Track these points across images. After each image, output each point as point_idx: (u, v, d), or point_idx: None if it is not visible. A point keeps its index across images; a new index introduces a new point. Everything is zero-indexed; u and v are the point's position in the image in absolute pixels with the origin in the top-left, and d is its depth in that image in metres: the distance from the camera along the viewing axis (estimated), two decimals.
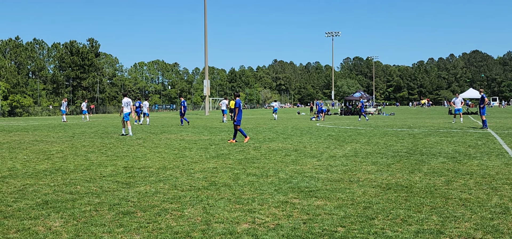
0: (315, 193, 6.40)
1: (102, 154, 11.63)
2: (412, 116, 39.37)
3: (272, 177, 7.77)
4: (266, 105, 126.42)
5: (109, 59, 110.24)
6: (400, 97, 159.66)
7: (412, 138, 15.23)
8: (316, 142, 14.42)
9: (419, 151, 11.36)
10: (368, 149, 12.13)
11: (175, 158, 10.56)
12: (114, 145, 13.97)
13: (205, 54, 53.53)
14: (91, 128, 24.07)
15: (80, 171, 8.71)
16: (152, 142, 14.97)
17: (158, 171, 8.65)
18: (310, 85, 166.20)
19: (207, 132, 19.65)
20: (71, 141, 15.63)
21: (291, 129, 21.78)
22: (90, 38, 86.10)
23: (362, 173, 8.10)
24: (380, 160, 9.77)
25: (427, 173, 8.05)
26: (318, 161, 9.76)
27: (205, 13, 52.05)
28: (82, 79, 78.95)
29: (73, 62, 78.45)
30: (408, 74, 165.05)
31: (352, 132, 18.60)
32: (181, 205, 5.80)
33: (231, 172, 8.36)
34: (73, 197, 6.32)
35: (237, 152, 11.78)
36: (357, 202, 5.84)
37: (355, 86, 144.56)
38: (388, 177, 7.64)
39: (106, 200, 6.14)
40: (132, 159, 10.53)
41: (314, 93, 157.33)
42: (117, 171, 8.62)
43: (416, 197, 6.09)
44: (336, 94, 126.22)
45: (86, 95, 78.13)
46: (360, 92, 52.44)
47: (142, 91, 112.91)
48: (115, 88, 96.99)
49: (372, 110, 49.38)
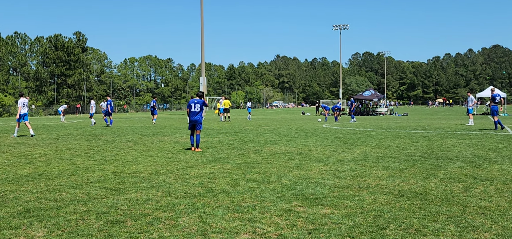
0: (321, 201, 6.40)
1: (89, 157, 11.64)
2: (427, 117, 39.37)
3: (274, 183, 7.77)
4: (267, 105, 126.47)
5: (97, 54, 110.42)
6: (414, 96, 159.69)
7: (427, 141, 15.22)
8: (323, 144, 14.42)
9: (434, 155, 11.35)
10: (379, 152, 12.13)
11: (169, 162, 10.56)
12: (102, 148, 13.99)
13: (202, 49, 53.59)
14: (77, 129, 24.11)
15: (65, 176, 8.72)
16: (143, 145, 14.97)
17: (150, 176, 8.66)
18: (316, 83, 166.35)
19: (204, 134, 19.65)
20: (56, 144, 15.65)
21: (295, 130, 21.79)
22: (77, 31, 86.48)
23: (373, 179, 8.09)
24: (392, 165, 9.76)
25: (444, 178, 8.05)
26: (325, 166, 9.76)
27: (201, 4, 52.15)
28: (68, 76, 79.05)
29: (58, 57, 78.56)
30: (423, 71, 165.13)
31: (361, 134, 18.60)
32: (175, 214, 5.80)
33: (230, 178, 8.36)
34: (57, 205, 6.32)
35: (236, 155, 11.79)
36: (367, 211, 5.84)
37: (365, 84, 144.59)
38: (401, 183, 7.64)
39: (94, 208, 6.14)
40: (121, 163, 10.54)
41: (320, 92, 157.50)
42: (105, 176, 8.62)
43: (432, 205, 6.09)
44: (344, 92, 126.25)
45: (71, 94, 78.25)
46: (370, 90, 52.41)
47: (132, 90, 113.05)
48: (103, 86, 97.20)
49: (384, 110, 49.38)
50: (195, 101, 13.01)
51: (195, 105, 12.96)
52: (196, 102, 12.98)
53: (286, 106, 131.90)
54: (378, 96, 51.34)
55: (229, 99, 41.17)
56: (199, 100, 13.03)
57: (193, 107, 12.95)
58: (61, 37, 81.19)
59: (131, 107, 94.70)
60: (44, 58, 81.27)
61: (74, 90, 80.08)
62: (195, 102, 13.00)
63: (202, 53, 53.85)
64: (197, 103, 12.99)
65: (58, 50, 79.29)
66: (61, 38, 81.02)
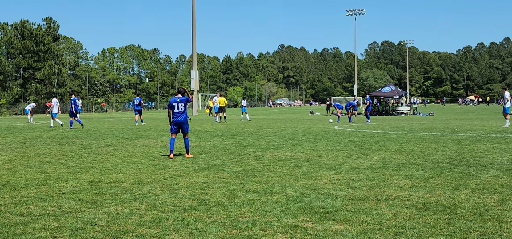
0: (333, 215, 6.41)
1: (62, 164, 11.64)
2: (456, 117, 39.39)
3: (277, 195, 7.77)
4: (270, 103, 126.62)
5: (71, 44, 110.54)
6: (441, 92, 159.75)
7: (457, 145, 15.22)
8: (334, 149, 14.42)
9: (465, 162, 11.35)
10: (400, 158, 12.13)
11: (155, 170, 10.56)
12: (77, 154, 13.99)
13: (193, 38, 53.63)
14: (47, 132, 24.13)
15: (33, 186, 8.72)
16: (125, 150, 14.98)
17: (132, 186, 8.66)
18: (327, 78, 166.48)
19: (195, 137, 19.66)
20: (22, 148, 15.65)
21: (302, 133, 21.80)
22: (47, 17, 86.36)
23: (393, 190, 8.10)
24: (416, 173, 9.76)
25: (476, 189, 8.05)
26: (337, 174, 9.76)
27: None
28: (36, 69, 79.08)
29: (24, 47, 78.61)
30: (452, 64, 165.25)
31: (379, 137, 18.61)
32: (162, 230, 5.81)
33: (226, 188, 8.36)
34: (24, 220, 6.32)
35: (233, 162, 11.79)
36: (387, 227, 5.84)
37: (383, 79, 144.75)
38: (426, 195, 7.64)
39: (67, 223, 6.14)
40: (99, 171, 10.54)
41: (332, 88, 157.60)
42: (80, 187, 8.63)
43: (462, 220, 6.09)
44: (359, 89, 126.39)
45: (41, 90, 78.31)
46: (390, 86, 52.46)
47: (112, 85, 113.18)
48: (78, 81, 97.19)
49: (406, 109, 49.41)
50: (177, 99, 12.75)
51: (179, 105, 12.70)
52: (179, 100, 12.71)
53: (292, 105, 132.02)
54: (399, 92, 51.37)
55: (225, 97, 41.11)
56: (182, 98, 12.79)
57: (176, 107, 12.69)
58: (28, 24, 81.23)
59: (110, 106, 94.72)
60: (8, 49, 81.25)
61: (44, 86, 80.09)
62: (177, 101, 12.74)
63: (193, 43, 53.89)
64: (180, 101, 12.74)
65: (25, 39, 79.35)
66: (28, 25, 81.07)
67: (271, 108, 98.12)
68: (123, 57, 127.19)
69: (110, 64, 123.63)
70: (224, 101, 33.83)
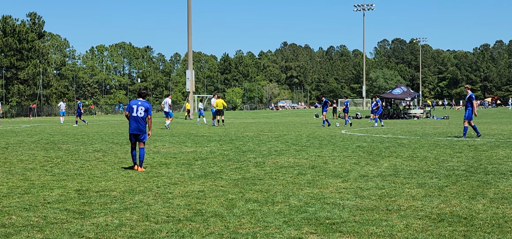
0: (340, 226, 6.41)
1: (47, 171, 11.64)
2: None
3: (280, 204, 7.77)
4: (272, 106, 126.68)
5: (57, 41, 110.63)
6: (457, 94, 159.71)
7: (473, 151, 15.22)
8: (341, 155, 14.42)
9: (482, 169, 11.35)
10: (413, 165, 12.13)
11: (147, 178, 10.56)
12: (63, 160, 14.00)
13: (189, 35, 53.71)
14: (31, 136, 24.14)
15: (16, 195, 8.72)
16: (115, 156, 14.98)
17: (123, 195, 8.66)
18: (333, 78, 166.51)
19: (191, 142, 19.67)
20: (4, 154, 15.66)
21: (306, 137, 21.80)
22: (31, 12, 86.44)
23: (404, 199, 8.10)
24: (429, 181, 9.76)
25: (494, 199, 8.05)
26: (344, 182, 9.76)
27: None
28: (20, 69, 79.18)
29: (6, 45, 78.74)
30: (468, 63, 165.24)
31: (390, 142, 18.60)
32: None
33: (224, 197, 8.36)
34: (6, 232, 6.32)
35: (232, 169, 11.79)
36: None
37: (394, 80, 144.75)
38: (441, 205, 7.64)
39: (52, 235, 6.14)
40: (87, 178, 10.54)
41: (339, 89, 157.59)
42: (67, 196, 8.63)
43: (479, 232, 6.08)
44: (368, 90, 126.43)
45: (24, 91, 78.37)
46: (401, 87, 52.44)
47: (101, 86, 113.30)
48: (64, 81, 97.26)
49: (419, 112, 49.39)
50: (138, 103, 11.82)
51: (138, 108, 11.75)
52: (140, 104, 11.80)
53: (296, 107, 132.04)
54: (411, 94, 51.29)
55: (223, 98, 41.07)
56: (143, 102, 11.86)
57: (134, 110, 11.75)
58: (10, 20, 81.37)
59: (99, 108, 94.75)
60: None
61: (28, 86, 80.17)
62: (138, 104, 11.81)
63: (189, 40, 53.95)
64: (140, 105, 11.79)
65: (7, 36, 79.47)
66: (10, 21, 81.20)
67: (273, 111, 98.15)
68: (113, 56, 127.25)
69: (99, 63, 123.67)
70: (222, 104, 33.74)
